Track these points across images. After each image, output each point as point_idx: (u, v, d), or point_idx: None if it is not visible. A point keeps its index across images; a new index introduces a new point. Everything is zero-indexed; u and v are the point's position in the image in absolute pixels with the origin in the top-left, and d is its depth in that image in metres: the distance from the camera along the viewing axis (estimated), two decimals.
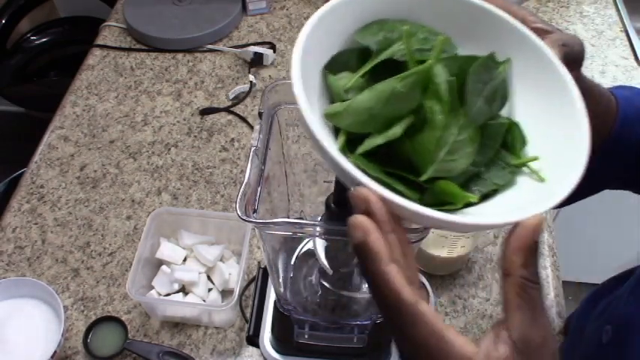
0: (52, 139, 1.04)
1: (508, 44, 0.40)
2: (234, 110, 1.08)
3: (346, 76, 0.39)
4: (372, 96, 0.36)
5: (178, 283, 0.81)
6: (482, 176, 0.38)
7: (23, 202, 0.95)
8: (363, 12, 0.40)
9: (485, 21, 0.41)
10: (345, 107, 0.36)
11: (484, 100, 0.37)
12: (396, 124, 0.36)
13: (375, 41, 0.39)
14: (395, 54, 0.38)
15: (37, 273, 0.87)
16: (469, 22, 0.41)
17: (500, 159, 0.39)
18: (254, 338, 0.69)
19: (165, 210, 0.83)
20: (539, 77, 0.40)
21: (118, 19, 1.26)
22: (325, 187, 0.62)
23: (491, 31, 0.41)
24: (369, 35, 0.40)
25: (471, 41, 0.41)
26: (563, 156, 0.37)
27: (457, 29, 0.41)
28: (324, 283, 0.61)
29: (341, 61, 0.40)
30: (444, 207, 0.36)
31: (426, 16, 0.41)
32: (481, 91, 0.37)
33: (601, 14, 1.28)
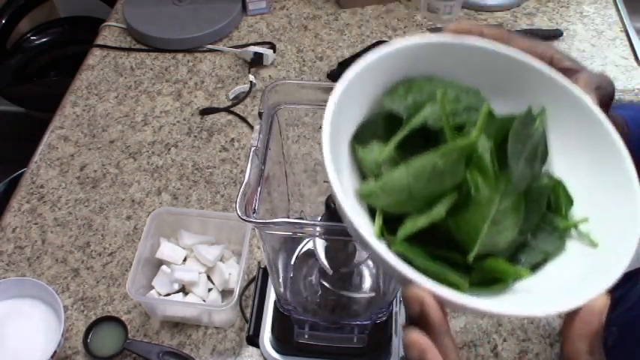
0: (52, 139, 1.04)
1: (540, 93, 0.38)
2: (234, 110, 1.08)
3: (376, 148, 0.36)
4: (411, 173, 0.33)
5: (178, 283, 0.81)
6: (530, 244, 0.35)
7: (23, 202, 0.95)
8: (388, 72, 0.37)
9: (514, 69, 0.38)
10: (380, 186, 0.34)
11: (525, 162, 0.34)
12: (438, 203, 0.33)
13: (404, 107, 0.36)
14: (427, 120, 0.35)
15: (37, 273, 0.87)
16: (497, 71, 0.38)
17: (546, 222, 0.36)
18: (254, 338, 0.69)
19: (165, 210, 0.83)
20: (578, 126, 0.37)
21: (118, 19, 1.26)
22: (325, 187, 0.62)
23: (521, 80, 0.38)
24: (397, 99, 0.37)
25: (500, 92, 0.38)
26: (613, 214, 0.34)
27: (485, 80, 0.38)
28: (324, 283, 0.61)
29: (368, 129, 0.37)
30: (493, 285, 0.33)
31: (451, 69, 0.38)
32: (521, 153, 0.34)
33: (601, 14, 1.27)
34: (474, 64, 0.38)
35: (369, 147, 0.36)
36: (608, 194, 0.35)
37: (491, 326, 0.81)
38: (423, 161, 0.33)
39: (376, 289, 0.64)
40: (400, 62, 0.37)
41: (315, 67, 1.15)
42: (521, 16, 1.27)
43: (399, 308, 0.70)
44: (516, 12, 1.27)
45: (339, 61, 1.15)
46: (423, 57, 0.38)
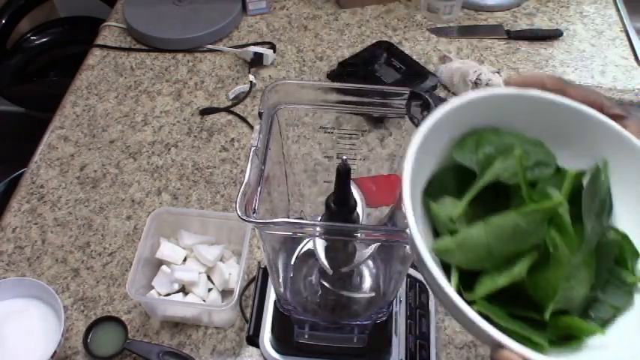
0: (52, 139, 1.04)
1: (601, 143, 0.38)
2: (234, 110, 1.08)
3: (449, 202, 0.37)
4: (490, 232, 0.33)
5: (178, 283, 0.81)
6: (599, 299, 0.36)
7: (23, 202, 0.95)
8: (455, 125, 0.38)
9: (576, 120, 0.39)
10: (457, 244, 0.34)
11: (595, 218, 0.35)
12: (517, 262, 0.33)
13: (476, 161, 0.37)
14: (500, 176, 0.36)
15: (37, 273, 0.87)
16: (559, 122, 0.39)
17: (614, 277, 0.36)
18: (254, 338, 0.69)
19: (165, 210, 0.83)
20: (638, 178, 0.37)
21: (118, 19, 1.26)
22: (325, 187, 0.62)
23: (582, 130, 0.39)
24: (468, 153, 0.38)
25: (562, 142, 0.39)
26: None
27: (547, 131, 0.39)
28: (324, 283, 0.61)
29: (439, 182, 0.38)
30: (569, 343, 0.34)
31: (515, 120, 0.39)
32: (591, 209, 0.35)
33: (601, 14, 1.27)
34: (536, 115, 0.39)
35: (441, 202, 0.37)
36: None
37: None
38: (503, 221, 0.33)
39: (376, 289, 0.64)
40: (467, 115, 0.38)
41: (315, 67, 1.15)
42: (521, 16, 1.27)
43: (399, 308, 0.70)
44: (516, 12, 1.27)
45: (339, 61, 1.15)
46: (488, 109, 0.38)
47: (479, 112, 0.38)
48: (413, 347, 0.69)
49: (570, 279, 0.33)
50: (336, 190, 0.50)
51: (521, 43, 1.21)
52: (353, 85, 0.55)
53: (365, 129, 0.59)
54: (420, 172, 0.37)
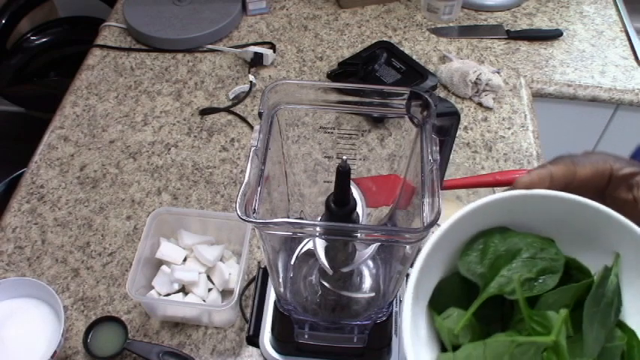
0: (52, 139, 1.04)
1: (613, 237, 0.39)
2: (234, 110, 1.08)
3: (454, 315, 0.37)
4: (488, 356, 0.34)
5: (178, 283, 0.81)
6: None
7: (23, 202, 0.95)
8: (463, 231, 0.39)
9: (585, 215, 0.39)
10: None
11: (599, 325, 0.36)
12: None
13: (479, 274, 0.38)
14: (502, 290, 0.37)
15: (37, 273, 0.87)
16: (569, 218, 0.39)
17: None
18: (254, 338, 0.69)
19: (166, 210, 0.83)
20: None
21: (118, 19, 1.26)
22: (325, 187, 0.62)
23: (593, 226, 0.39)
24: (473, 265, 0.38)
25: (573, 237, 0.39)
26: None
27: (560, 228, 0.40)
28: (324, 283, 0.61)
29: (445, 292, 0.39)
30: None
31: (525, 219, 0.40)
32: (595, 316, 0.35)
33: (601, 14, 1.28)
34: (547, 213, 0.39)
35: (445, 314, 0.37)
36: None
37: None
38: (500, 347, 0.34)
39: (376, 289, 0.64)
40: (475, 219, 0.39)
41: (315, 67, 1.15)
42: (521, 16, 1.27)
43: (399, 308, 0.70)
44: (516, 12, 1.28)
45: (339, 61, 1.15)
46: (497, 212, 0.39)
47: (488, 215, 0.39)
48: None
49: None
50: (336, 190, 0.50)
51: (521, 43, 1.21)
52: (353, 85, 0.55)
53: (365, 129, 0.59)
54: (427, 281, 0.37)
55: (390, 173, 0.62)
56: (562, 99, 1.14)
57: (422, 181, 0.48)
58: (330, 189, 0.51)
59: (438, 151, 0.49)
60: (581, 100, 1.14)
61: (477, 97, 1.09)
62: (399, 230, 0.55)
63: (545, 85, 1.13)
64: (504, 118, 1.07)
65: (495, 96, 1.09)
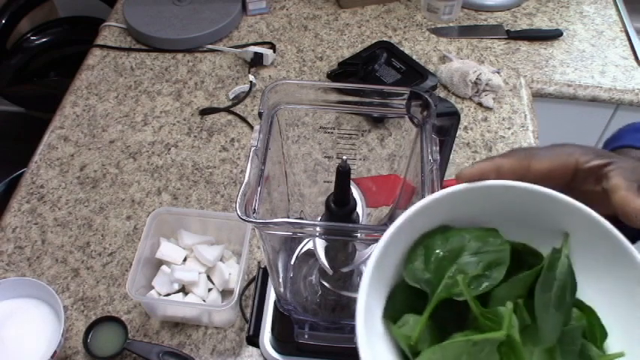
0: (52, 139, 1.04)
1: (562, 221, 0.38)
2: (234, 110, 1.08)
3: (410, 322, 0.37)
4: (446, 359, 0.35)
5: (178, 283, 0.81)
6: None
7: (23, 202, 0.95)
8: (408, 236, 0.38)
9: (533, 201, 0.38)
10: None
11: (554, 310, 0.36)
12: None
13: (425, 281, 0.38)
14: (451, 292, 0.37)
15: (37, 273, 0.87)
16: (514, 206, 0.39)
17: (584, 353, 0.36)
18: (254, 338, 0.69)
19: (166, 210, 0.83)
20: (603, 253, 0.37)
21: (118, 19, 1.26)
22: (325, 187, 0.62)
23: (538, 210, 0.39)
24: (418, 273, 0.38)
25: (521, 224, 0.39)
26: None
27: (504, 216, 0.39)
28: (324, 283, 0.61)
29: (397, 300, 0.39)
30: None
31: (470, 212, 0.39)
32: (549, 301, 0.36)
33: (601, 14, 1.28)
34: (491, 204, 0.39)
35: (401, 322, 0.37)
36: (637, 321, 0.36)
37: None
38: (457, 348, 0.34)
39: None
40: (416, 224, 0.38)
41: (315, 67, 1.15)
42: (521, 16, 1.27)
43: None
44: (516, 12, 1.28)
45: (339, 61, 1.15)
46: (436, 212, 0.38)
47: (429, 216, 0.38)
48: None
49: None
50: (336, 190, 0.50)
51: (521, 43, 1.21)
52: (353, 85, 0.55)
53: (365, 129, 0.59)
54: (377, 291, 0.37)
55: (390, 173, 0.62)
56: (562, 99, 1.14)
57: (422, 181, 0.49)
58: (330, 189, 0.51)
59: (438, 151, 0.49)
60: (581, 100, 1.14)
61: (477, 97, 1.09)
62: None
63: (545, 85, 1.13)
64: (504, 118, 1.07)
65: (495, 96, 1.09)
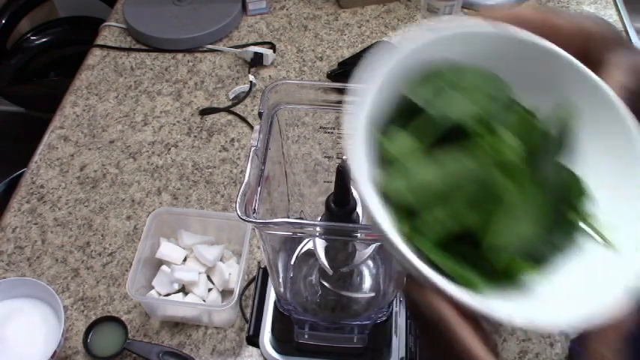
0: (52, 139, 1.04)
1: (570, 87, 0.36)
2: (234, 110, 1.08)
3: (399, 137, 0.35)
4: (441, 175, 0.33)
5: (178, 283, 0.81)
6: (547, 241, 0.35)
7: (23, 202, 0.95)
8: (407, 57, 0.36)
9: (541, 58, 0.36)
10: (407, 185, 0.33)
11: (551, 160, 0.35)
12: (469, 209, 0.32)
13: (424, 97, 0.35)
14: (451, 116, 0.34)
15: (37, 273, 0.87)
16: (522, 60, 0.36)
17: (564, 220, 0.35)
18: (254, 338, 0.69)
19: (166, 210, 0.83)
20: (602, 122, 0.35)
21: (118, 19, 1.26)
22: (325, 187, 0.62)
23: (549, 70, 0.36)
24: (417, 86, 0.36)
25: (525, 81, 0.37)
26: (633, 214, 0.33)
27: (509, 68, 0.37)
28: (324, 283, 0.61)
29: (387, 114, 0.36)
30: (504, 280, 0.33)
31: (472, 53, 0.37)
32: (548, 151, 0.35)
33: (601, 14, 1.27)
34: (506, 54, 0.36)
35: (391, 136, 0.35)
36: (629, 193, 0.34)
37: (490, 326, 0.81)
38: (454, 164, 0.32)
39: (376, 289, 0.64)
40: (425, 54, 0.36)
41: (315, 67, 1.15)
42: None
43: (399, 308, 0.70)
44: None
45: (339, 61, 1.15)
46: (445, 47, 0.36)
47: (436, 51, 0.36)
48: (413, 347, 0.69)
49: (520, 220, 0.32)
50: (336, 190, 0.50)
51: None
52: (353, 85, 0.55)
53: None
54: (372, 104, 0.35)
55: None
56: None
57: None
58: (330, 189, 0.51)
59: None
60: None
61: None
62: None
63: None
64: None
65: None
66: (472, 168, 0.32)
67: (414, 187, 0.33)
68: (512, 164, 0.32)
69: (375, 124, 0.35)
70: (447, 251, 0.32)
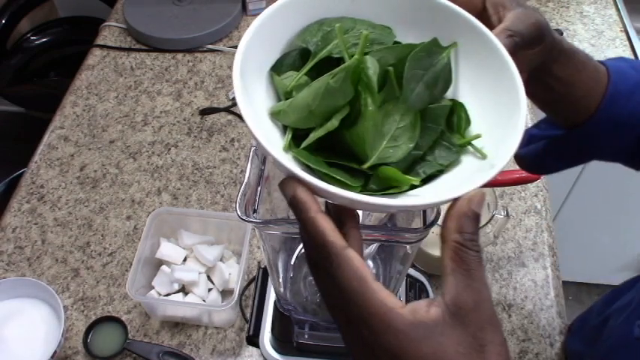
0: (52, 139, 1.04)
1: (453, 30, 0.42)
2: (234, 110, 1.08)
3: (291, 76, 0.41)
4: (310, 93, 0.37)
5: (178, 283, 0.81)
6: (427, 158, 0.40)
7: (23, 202, 0.95)
8: (303, 14, 0.42)
9: (429, 9, 0.42)
10: (287, 105, 0.38)
11: (424, 86, 0.39)
12: (333, 118, 0.37)
13: (314, 42, 0.41)
14: (332, 51, 0.40)
15: (37, 273, 0.87)
16: (413, 11, 0.42)
17: (445, 140, 0.40)
18: (254, 338, 0.69)
19: (166, 210, 0.83)
20: (483, 59, 0.41)
21: (118, 19, 1.26)
22: None
23: (436, 19, 0.42)
24: (309, 36, 0.41)
25: (416, 30, 0.42)
26: (503, 132, 0.38)
27: (401, 20, 0.43)
28: None
29: (286, 62, 0.42)
30: (388, 191, 0.37)
31: (366, 10, 0.43)
32: (421, 77, 0.39)
33: (601, 14, 1.28)
34: (389, 4, 0.42)
35: (284, 76, 0.41)
36: (501, 114, 0.40)
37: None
38: (319, 82, 0.37)
39: None
40: (314, 4, 0.42)
41: None
42: None
43: None
44: None
45: None
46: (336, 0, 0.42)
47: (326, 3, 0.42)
48: None
49: (395, 139, 0.38)
50: None
51: None
52: None
53: None
54: (267, 53, 0.41)
55: None
56: None
57: None
58: None
59: None
60: None
61: None
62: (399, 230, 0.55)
63: None
64: None
65: None
66: (331, 84, 0.36)
67: (291, 105, 0.38)
68: (368, 80, 0.37)
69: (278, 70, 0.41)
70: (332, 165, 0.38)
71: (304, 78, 0.40)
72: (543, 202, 0.94)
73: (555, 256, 0.89)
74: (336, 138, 0.38)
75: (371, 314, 0.33)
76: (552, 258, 0.89)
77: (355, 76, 0.37)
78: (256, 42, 0.40)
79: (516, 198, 0.95)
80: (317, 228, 0.34)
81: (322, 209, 0.35)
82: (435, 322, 0.33)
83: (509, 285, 0.85)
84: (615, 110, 0.53)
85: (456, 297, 0.33)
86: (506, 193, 0.95)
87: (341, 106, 0.37)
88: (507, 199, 0.95)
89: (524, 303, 0.84)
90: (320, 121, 0.38)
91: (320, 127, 0.38)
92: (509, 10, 0.45)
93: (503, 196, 0.95)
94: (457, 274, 0.34)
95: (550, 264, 0.88)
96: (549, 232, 0.91)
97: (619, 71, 0.53)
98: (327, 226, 0.35)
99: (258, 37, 0.40)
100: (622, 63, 0.55)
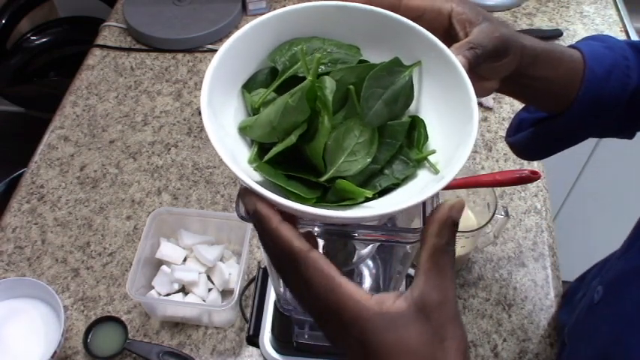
0: (52, 139, 1.04)
1: (417, 48, 0.44)
2: None
3: (260, 93, 0.43)
4: (272, 110, 0.40)
5: (178, 283, 0.81)
6: (385, 172, 0.42)
7: (23, 202, 0.95)
8: (276, 33, 0.44)
9: (394, 29, 0.44)
10: (254, 121, 0.41)
11: (383, 104, 0.41)
12: (292, 134, 0.40)
13: (282, 61, 0.44)
14: (297, 71, 0.43)
15: (37, 273, 0.87)
16: (379, 32, 0.44)
17: (403, 155, 0.42)
18: (254, 338, 0.69)
19: (166, 210, 0.83)
20: (443, 75, 0.43)
21: (118, 19, 1.26)
22: None
23: (401, 38, 0.44)
24: (278, 55, 0.44)
25: (383, 49, 0.44)
26: (457, 142, 0.40)
27: (369, 39, 0.45)
28: None
29: (258, 79, 0.44)
30: (343, 203, 0.39)
31: (335, 30, 0.45)
32: (380, 95, 0.41)
33: (601, 14, 1.28)
34: (355, 24, 0.45)
35: (255, 92, 0.44)
36: (456, 130, 0.41)
37: (491, 326, 0.81)
38: (281, 100, 0.40)
39: (376, 289, 0.64)
40: (287, 25, 0.44)
41: None
42: (521, 16, 1.27)
43: None
44: (516, 12, 1.28)
45: None
46: (307, 20, 0.44)
47: (298, 24, 0.44)
48: None
49: (354, 153, 0.40)
50: None
51: None
52: None
53: None
54: (240, 71, 0.44)
55: None
56: None
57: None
58: None
59: None
60: None
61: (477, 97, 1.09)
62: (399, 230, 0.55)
63: None
64: (504, 118, 1.07)
65: (495, 96, 1.09)
66: (290, 102, 0.39)
67: (257, 121, 0.41)
68: (325, 99, 0.39)
69: (249, 87, 0.44)
70: (290, 178, 0.40)
71: (272, 95, 0.42)
72: (543, 202, 0.94)
73: (555, 256, 0.89)
74: (298, 152, 0.40)
75: (340, 308, 0.36)
76: (552, 258, 0.89)
77: (311, 96, 0.39)
78: (229, 59, 0.42)
79: (516, 198, 0.95)
80: (282, 238, 0.37)
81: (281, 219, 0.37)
82: (399, 313, 0.36)
83: (509, 285, 0.85)
84: (594, 93, 0.55)
85: (424, 294, 0.36)
86: (506, 193, 0.95)
87: (300, 123, 0.40)
88: (507, 199, 0.95)
89: (524, 303, 0.84)
90: (282, 136, 0.40)
91: (281, 142, 0.40)
92: (476, 25, 0.48)
93: (503, 196, 0.95)
94: (430, 273, 0.37)
95: (550, 264, 0.88)
96: (549, 232, 0.91)
97: (594, 55, 0.55)
98: (291, 235, 0.37)
99: (232, 54, 0.42)
100: (596, 43, 0.57)
